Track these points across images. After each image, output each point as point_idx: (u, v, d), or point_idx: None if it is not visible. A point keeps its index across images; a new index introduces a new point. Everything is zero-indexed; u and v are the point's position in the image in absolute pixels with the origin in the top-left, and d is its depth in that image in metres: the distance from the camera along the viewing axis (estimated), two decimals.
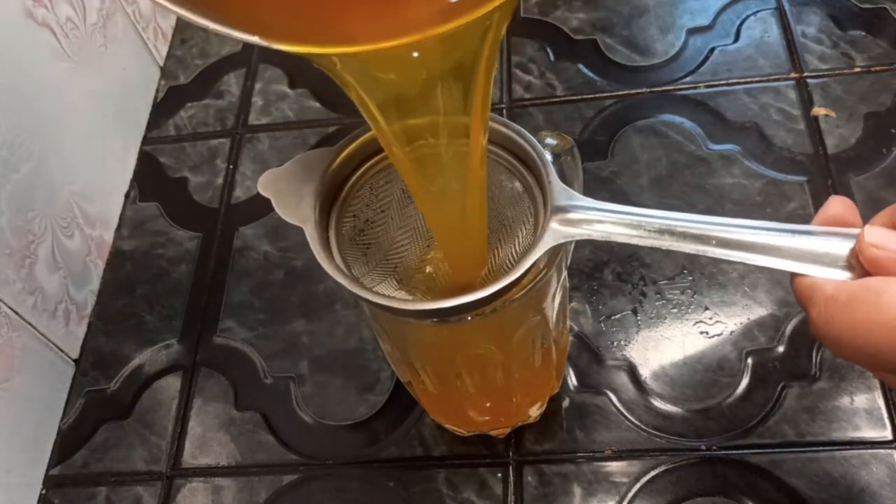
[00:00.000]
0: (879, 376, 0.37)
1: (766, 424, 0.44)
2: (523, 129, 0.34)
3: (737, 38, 0.60)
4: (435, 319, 0.34)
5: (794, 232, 0.29)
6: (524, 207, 0.35)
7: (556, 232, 0.31)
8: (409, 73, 0.26)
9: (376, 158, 0.35)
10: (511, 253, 0.35)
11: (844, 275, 0.28)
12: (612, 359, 0.48)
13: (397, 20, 0.23)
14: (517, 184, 0.35)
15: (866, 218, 0.29)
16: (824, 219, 0.30)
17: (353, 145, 0.34)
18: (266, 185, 0.34)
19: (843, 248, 0.28)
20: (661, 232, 0.30)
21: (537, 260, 0.31)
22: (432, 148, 0.29)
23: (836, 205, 0.29)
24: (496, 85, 0.61)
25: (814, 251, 0.28)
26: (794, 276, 0.29)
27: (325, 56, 0.24)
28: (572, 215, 0.31)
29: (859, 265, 0.27)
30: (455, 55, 0.26)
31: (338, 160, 0.34)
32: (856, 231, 0.28)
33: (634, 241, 0.30)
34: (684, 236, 0.30)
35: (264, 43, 0.22)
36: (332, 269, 0.31)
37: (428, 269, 0.38)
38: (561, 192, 0.32)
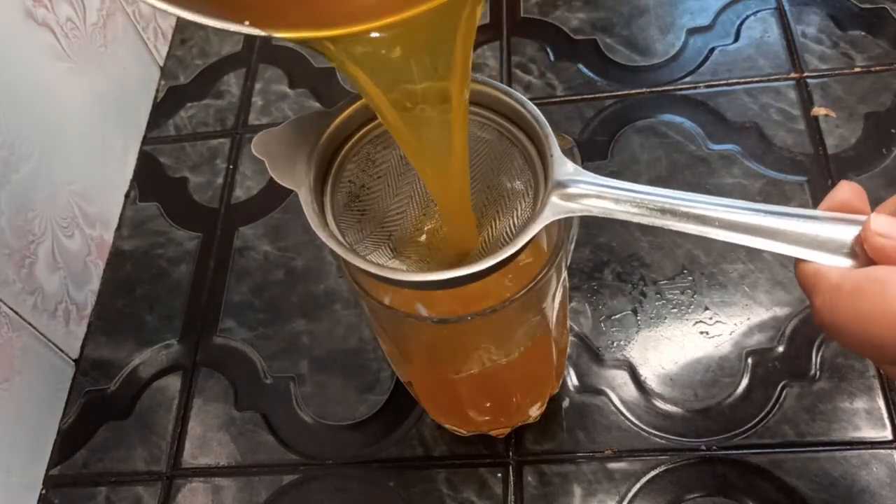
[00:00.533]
0: (883, 368, 0.37)
1: (766, 424, 0.44)
2: (526, 99, 0.33)
3: (737, 38, 0.60)
4: (433, 320, 0.34)
5: (799, 216, 0.28)
6: (524, 180, 0.34)
7: (557, 206, 0.30)
8: (399, 48, 0.26)
9: (374, 122, 0.34)
10: (509, 226, 0.34)
11: (848, 262, 0.27)
12: (612, 359, 0.48)
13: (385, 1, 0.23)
14: (518, 155, 0.34)
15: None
16: (831, 204, 0.29)
17: (351, 108, 0.33)
18: (260, 146, 0.33)
19: (848, 234, 0.28)
20: (664, 211, 0.29)
21: (540, 247, 0.30)
22: (422, 111, 0.29)
23: (845, 190, 0.29)
24: None
25: (818, 237, 0.28)
26: (798, 262, 0.28)
27: (319, 41, 0.24)
28: (573, 190, 0.30)
29: (863, 253, 0.27)
30: (439, 27, 0.26)
31: (335, 123, 0.33)
32: (862, 218, 0.27)
33: (636, 220, 0.30)
34: (687, 216, 0.29)
35: (256, 31, 0.22)
36: (325, 236, 0.31)
37: (423, 238, 0.37)
38: (563, 165, 0.31)
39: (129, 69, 0.63)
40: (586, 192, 0.30)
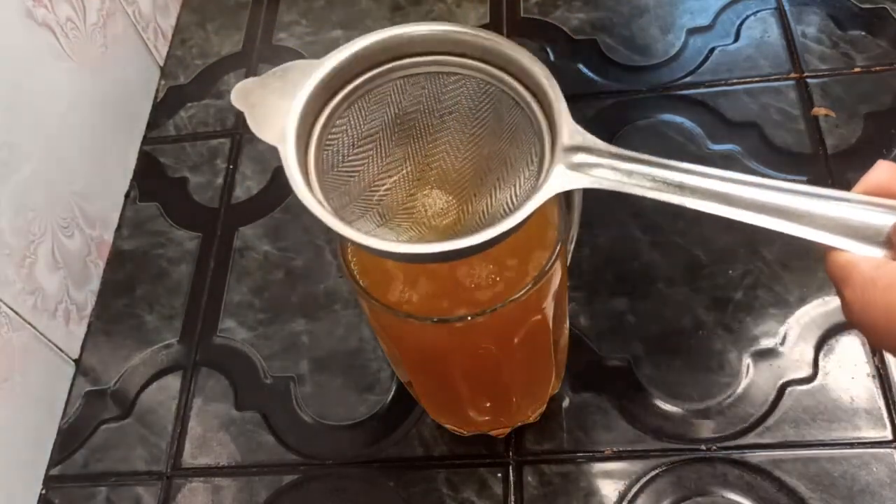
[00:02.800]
0: None
1: (766, 424, 0.44)
2: (534, 57, 0.30)
3: (737, 38, 0.60)
4: (433, 320, 0.34)
5: (830, 198, 0.26)
6: (529, 146, 0.31)
7: (563, 177, 0.28)
8: None
9: (367, 76, 0.31)
10: (510, 197, 0.31)
11: (881, 252, 0.25)
12: (612, 359, 0.48)
13: None
14: (524, 119, 0.31)
15: None
16: (867, 186, 0.26)
17: (343, 58, 0.30)
18: (240, 96, 0.30)
19: (884, 221, 0.25)
20: (682, 187, 0.27)
21: (543, 243, 0.29)
22: None
23: (882, 170, 0.26)
24: None
25: (850, 222, 0.25)
26: (827, 250, 0.26)
27: None
28: (582, 158, 0.28)
29: None
30: None
31: (324, 74, 0.30)
32: None
33: (651, 195, 0.27)
34: (707, 194, 0.27)
35: None
36: (307, 199, 0.28)
37: (417, 206, 0.34)
38: (572, 131, 0.28)
39: (129, 69, 0.63)
40: (597, 163, 0.28)
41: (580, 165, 0.28)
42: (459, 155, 0.34)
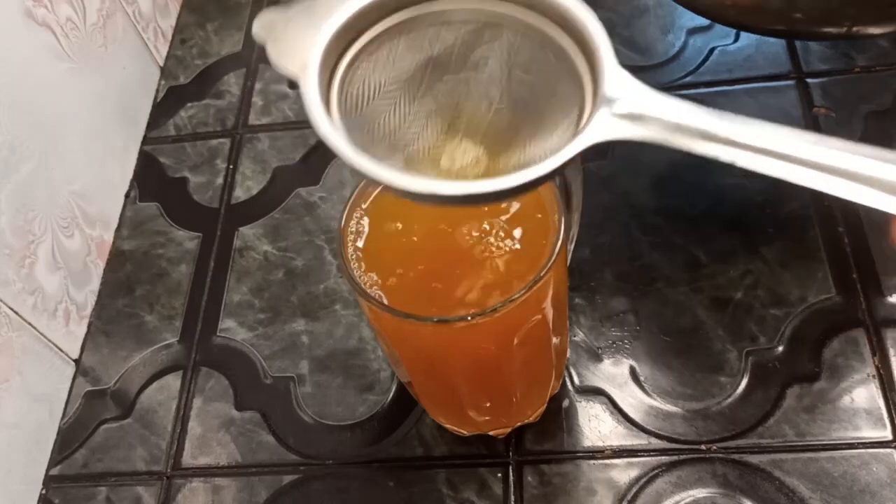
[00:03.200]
0: None
1: (766, 424, 0.44)
2: (580, 2, 0.28)
3: (737, 38, 0.60)
4: (433, 320, 0.34)
5: None
6: (568, 98, 0.29)
7: (606, 125, 0.25)
8: None
9: (399, 17, 0.29)
10: (544, 151, 0.29)
11: None
12: (612, 359, 0.48)
13: None
14: (564, 68, 0.29)
15: None
16: None
17: None
18: (262, 27, 0.28)
19: None
20: (733, 143, 0.25)
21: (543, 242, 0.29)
22: None
23: None
24: None
25: None
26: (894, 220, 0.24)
27: None
28: (627, 107, 0.26)
29: None
30: None
31: (353, 12, 0.28)
32: None
33: (699, 150, 0.25)
34: (762, 151, 0.25)
35: None
36: (326, 131, 0.26)
37: (443, 158, 0.32)
38: (616, 79, 0.26)
39: (129, 69, 0.63)
40: (643, 113, 0.26)
41: (624, 115, 0.26)
42: (493, 106, 0.31)
